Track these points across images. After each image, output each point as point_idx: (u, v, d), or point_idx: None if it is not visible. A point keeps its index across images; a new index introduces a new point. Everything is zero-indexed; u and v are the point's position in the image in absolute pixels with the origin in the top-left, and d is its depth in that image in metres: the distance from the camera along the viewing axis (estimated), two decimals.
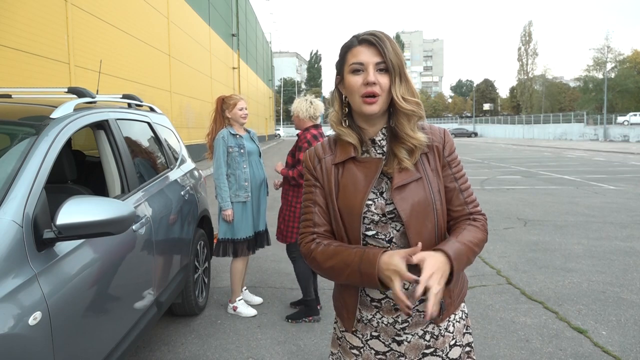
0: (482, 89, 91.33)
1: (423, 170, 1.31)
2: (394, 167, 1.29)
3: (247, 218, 3.79)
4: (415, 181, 1.29)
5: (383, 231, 1.30)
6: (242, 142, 3.79)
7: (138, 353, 3.18)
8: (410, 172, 1.29)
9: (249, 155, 3.82)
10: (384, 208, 1.29)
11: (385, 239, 1.31)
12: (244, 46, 35.78)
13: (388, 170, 1.30)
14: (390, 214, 1.29)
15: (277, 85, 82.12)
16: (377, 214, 1.30)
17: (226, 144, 3.74)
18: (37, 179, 1.87)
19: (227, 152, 3.74)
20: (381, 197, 1.30)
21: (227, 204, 3.71)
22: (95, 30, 10.69)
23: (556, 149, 29.61)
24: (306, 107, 3.72)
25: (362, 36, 1.28)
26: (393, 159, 1.30)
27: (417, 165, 1.31)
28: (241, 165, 3.76)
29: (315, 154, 1.41)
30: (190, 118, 19.14)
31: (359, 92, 1.26)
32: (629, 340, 3.31)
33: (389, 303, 1.33)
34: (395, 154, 1.29)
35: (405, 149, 1.29)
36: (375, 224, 1.30)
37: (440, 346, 1.35)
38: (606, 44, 50.93)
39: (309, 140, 3.63)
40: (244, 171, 3.76)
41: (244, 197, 3.76)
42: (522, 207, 8.57)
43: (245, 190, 3.77)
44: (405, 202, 1.27)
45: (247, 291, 4.19)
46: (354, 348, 1.40)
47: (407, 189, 1.28)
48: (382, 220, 1.30)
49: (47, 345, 1.65)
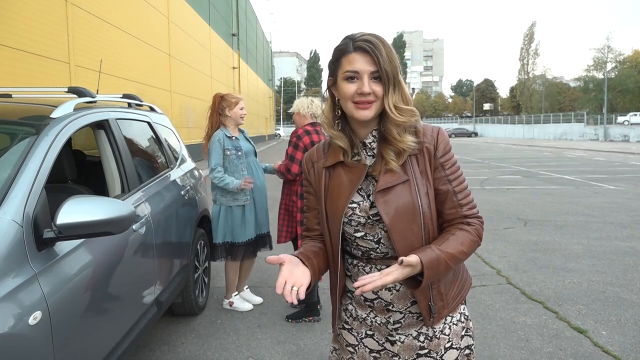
0: (482, 88, 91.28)
1: (411, 172, 1.29)
2: (380, 168, 1.29)
3: (247, 221, 3.76)
4: (402, 183, 1.28)
5: (371, 232, 1.31)
6: (238, 144, 3.74)
7: (138, 352, 3.18)
8: (396, 175, 1.28)
9: (246, 156, 3.80)
10: (368, 211, 1.30)
11: (373, 239, 1.32)
12: (244, 46, 35.77)
13: (374, 172, 1.30)
14: (375, 217, 1.29)
15: (277, 85, 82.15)
16: (363, 216, 1.30)
17: (223, 146, 3.67)
18: (37, 178, 1.87)
19: (224, 154, 3.68)
20: (367, 200, 1.31)
21: (237, 183, 3.59)
22: (95, 30, 10.69)
23: (556, 149, 29.60)
24: (307, 104, 3.71)
25: (357, 42, 1.25)
26: (381, 161, 1.30)
27: (405, 167, 1.29)
28: (239, 168, 3.72)
29: (310, 158, 1.44)
30: (190, 118, 19.14)
31: (352, 99, 1.26)
32: (629, 340, 3.31)
33: (381, 303, 1.35)
34: (383, 156, 1.29)
35: (392, 151, 1.28)
36: (363, 225, 1.31)
37: (434, 348, 1.35)
38: (606, 44, 50.93)
39: (300, 134, 3.61)
40: (242, 174, 3.72)
41: (243, 200, 3.72)
42: (522, 207, 8.57)
43: (245, 194, 3.72)
44: (388, 205, 1.26)
45: (249, 290, 4.19)
46: (350, 346, 1.43)
47: (392, 191, 1.27)
48: (368, 222, 1.30)
49: (47, 345, 1.65)
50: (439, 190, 1.31)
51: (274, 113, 69.28)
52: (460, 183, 1.33)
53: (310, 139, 3.58)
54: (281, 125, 72.71)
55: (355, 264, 1.37)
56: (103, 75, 8.44)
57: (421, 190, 1.29)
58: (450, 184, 1.31)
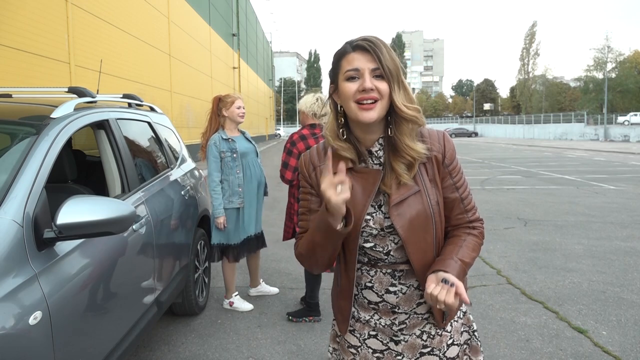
0: (483, 88, 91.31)
1: (421, 182, 1.28)
2: (391, 182, 1.26)
3: (241, 222, 3.79)
4: (414, 194, 1.27)
5: (381, 243, 1.30)
6: (234, 146, 3.74)
7: (138, 352, 3.18)
8: (408, 186, 1.26)
9: (245, 155, 3.79)
10: (383, 223, 1.28)
11: (382, 251, 1.30)
12: (244, 46, 35.77)
13: (385, 187, 1.27)
14: (389, 229, 1.28)
15: (277, 85, 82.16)
16: (376, 228, 1.28)
17: (218, 149, 3.69)
18: (37, 178, 1.87)
19: (219, 157, 3.70)
20: (379, 211, 1.28)
21: (219, 212, 3.68)
22: (95, 30, 10.69)
23: (556, 149, 29.59)
24: (311, 102, 3.63)
25: (356, 42, 1.23)
26: (391, 173, 1.27)
27: (415, 178, 1.27)
28: (234, 171, 3.72)
29: (310, 161, 1.38)
30: (190, 118, 19.14)
31: (354, 98, 1.21)
32: (629, 340, 3.31)
33: (386, 305, 1.33)
34: (394, 169, 1.26)
35: (404, 163, 1.26)
36: (374, 237, 1.29)
37: (437, 345, 1.35)
38: (606, 44, 50.94)
39: (294, 140, 3.57)
40: (238, 176, 3.72)
41: (237, 203, 3.74)
42: (522, 207, 8.57)
43: (240, 196, 3.74)
44: (402, 217, 1.25)
45: (264, 282, 4.34)
46: (352, 347, 1.41)
47: (405, 203, 1.26)
48: (380, 234, 1.29)
49: (47, 345, 1.65)
50: (448, 199, 1.31)
51: (274, 113, 69.30)
52: (466, 189, 1.34)
53: (305, 145, 3.52)
54: (281, 125, 72.73)
55: (359, 267, 1.35)
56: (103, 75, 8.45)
57: (432, 200, 1.28)
58: (458, 191, 1.32)
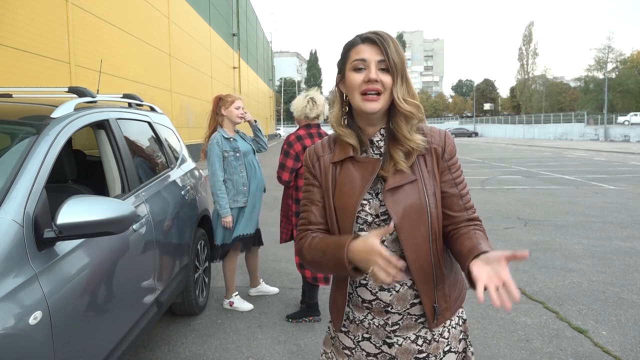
0: (483, 88, 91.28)
1: (419, 172, 1.30)
2: (389, 169, 1.29)
3: (242, 220, 3.79)
4: (410, 183, 1.28)
5: None
6: (236, 145, 3.74)
7: (138, 352, 3.18)
8: (404, 174, 1.28)
9: (246, 155, 3.79)
10: (378, 209, 1.29)
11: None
12: (245, 46, 35.77)
13: (384, 172, 1.29)
14: (384, 215, 1.29)
15: (277, 85, 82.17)
16: (371, 214, 1.29)
17: (221, 148, 3.68)
18: (37, 178, 1.87)
19: (222, 157, 3.69)
20: (376, 198, 1.30)
21: (227, 211, 3.67)
22: (95, 30, 10.70)
23: (556, 149, 29.59)
24: (302, 105, 3.59)
25: (365, 35, 1.28)
26: (389, 160, 1.29)
27: (413, 167, 1.29)
28: (238, 170, 3.72)
29: (315, 152, 1.42)
30: (190, 118, 19.15)
31: (360, 89, 1.26)
32: (629, 340, 3.31)
33: (379, 304, 1.33)
34: (392, 156, 1.29)
35: (402, 151, 1.29)
36: (369, 225, 1.30)
37: (433, 351, 1.34)
38: (607, 44, 50.97)
39: (291, 142, 3.55)
40: (242, 175, 3.72)
41: (242, 202, 3.74)
42: (522, 207, 8.57)
43: (244, 195, 3.74)
44: (397, 204, 1.26)
45: (263, 282, 4.34)
46: (346, 348, 1.41)
47: (401, 191, 1.27)
48: (375, 221, 1.30)
49: (47, 345, 1.65)
50: (446, 193, 1.32)
51: (275, 113, 69.30)
52: (465, 187, 1.36)
53: (302, 145, 3.51)
54: (281, 125, 72.72)
55: None
56: (103, 75, 8.44)
57: (429, 191, 1.29)
58: (457, 187, 1.33)
